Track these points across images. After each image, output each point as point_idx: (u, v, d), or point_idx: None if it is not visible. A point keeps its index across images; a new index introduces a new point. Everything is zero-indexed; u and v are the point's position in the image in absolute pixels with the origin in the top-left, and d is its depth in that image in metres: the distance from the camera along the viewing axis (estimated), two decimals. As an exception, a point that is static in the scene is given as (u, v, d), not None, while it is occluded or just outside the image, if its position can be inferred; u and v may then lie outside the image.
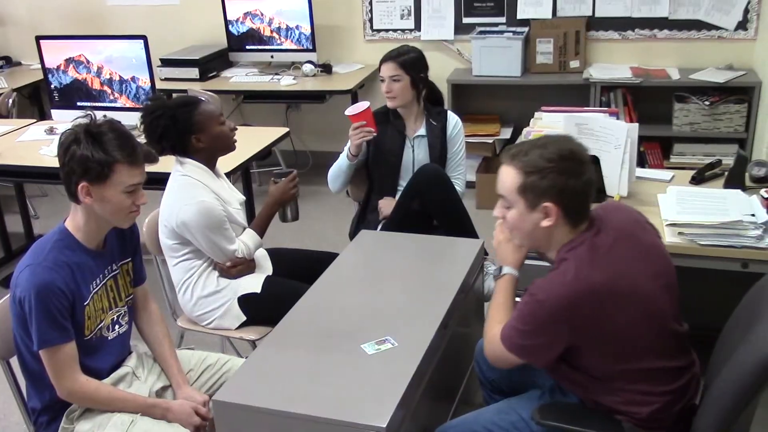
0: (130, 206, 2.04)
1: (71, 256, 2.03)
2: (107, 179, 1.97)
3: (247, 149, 3.41)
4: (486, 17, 5.02)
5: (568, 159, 1.85)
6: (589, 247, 1.84)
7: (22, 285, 1.96)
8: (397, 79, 3.12)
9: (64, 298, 1.97)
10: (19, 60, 5.98)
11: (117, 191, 1.99)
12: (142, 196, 2.07)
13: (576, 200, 1.87)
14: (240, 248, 2.68)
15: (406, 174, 3.23)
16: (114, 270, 2.17)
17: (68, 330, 2.00)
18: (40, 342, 1.96)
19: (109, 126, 2.01)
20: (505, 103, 5.11)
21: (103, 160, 1.95)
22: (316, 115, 5.55)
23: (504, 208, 1.93)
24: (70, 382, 2.02)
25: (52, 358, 1.99)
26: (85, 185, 1.97)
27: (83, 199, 1.99)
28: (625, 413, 1.86)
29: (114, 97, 4.02)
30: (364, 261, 2.65)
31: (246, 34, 5.35)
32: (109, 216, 2.04)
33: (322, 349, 2.06)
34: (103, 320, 2.13)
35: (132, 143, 2.02)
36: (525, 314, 1.84)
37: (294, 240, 3.31)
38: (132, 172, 2.01)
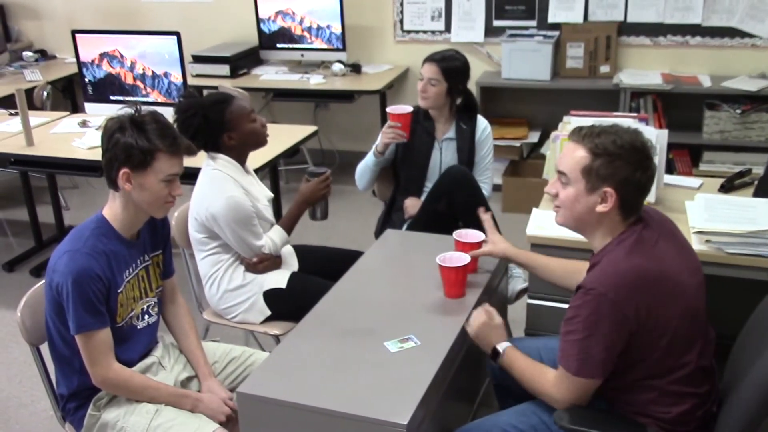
0: (166, 196, 2.09)
1: (108, 244, 2.08)
2: (148, 167, 2.02)
3: (275, 147, 3.44)
4: (516, 20, 5.01)
5: (640, 150, 1.84)
6: (637, 238, 1.84)
7: (61, 270, 2.00)
8: (434, 84, 3.13)
9: (101, 284, 2.02)
10: (54, 53, 6.08)
11: (156, 179, 2.04)
12: (178, 187, 2.11)
13: (635, 193, 1.86)
14: (267, 244, 2.71)
15: (432, 176, 3.24)
16: (146, 261, 2.21)
17: (104, 316, 2.04)
18: (77, 327, 2.00)
19: (152, 116, 2.06)
20: (533, 107, 5.10)
21: (145, 147, 2.01)
22: (345, 114, 5.57)
23: (560, 184, 1.91)
24: (105, 369, 2.05)
25: (87, 344, 2.03)
26: (126, 172, 2.02)
27: (123, 186, 2.04)
28: (652, 415, 1.86)
29: (146, 92, 4.08)
30: (389, 260, 2.66)
31: (277, 32, 5.40)
32: (146, 204, 2.09)
33: (346, 345, 2.08)
34: (133, 309, 2.17)
35: (173, 133, 2.08)
36: (586, 318, 1.78)
37: (320, 238, 3.33)
38: (172, 161, 2.06)
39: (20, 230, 4.85)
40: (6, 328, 2.42)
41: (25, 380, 3.07)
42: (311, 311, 2.24)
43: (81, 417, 2.14)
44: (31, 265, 4.37)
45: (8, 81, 5.34)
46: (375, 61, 5.41)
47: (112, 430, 2.11)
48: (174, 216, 2.80)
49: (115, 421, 2.11)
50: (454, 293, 2.27)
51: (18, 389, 3.21)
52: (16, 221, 5.05)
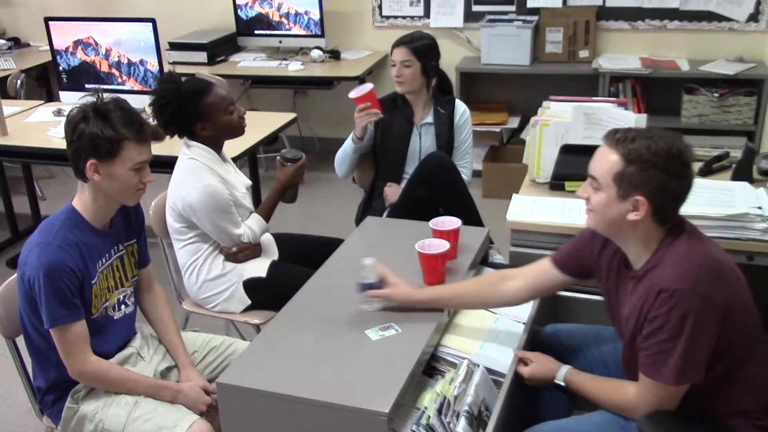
0: (137, 184, 2.05)
1: (79, 235, 2.04)
2: (116, 156, 1.99)
3: (254, 134, 3.41)
4: (496, 5, 5.00)
5: (675, 158, 1.75)
6: (688, 231, 1.82)
7: (32, 264, 1.97)
8: (408, 65, 3.11)
9: (73, 276, 1.99)
10: (27, 41, 5.98)
11: (125, 168, 2.01)
12: (148, 174, 2.08)
13: (670, 202, 1.79)
14: (246, 233, 2.69)
15: (412, 161, 3.23)
16: (120, 250, 2.18)
17: (78, 308, 2.01)
18: (50, 321, 1.98)
19: (116, 104, 2.02)
20: (513, 92, 5.10)
21: (111, 137, 1.97)
22: (324, 101, 5.54)
23: (592, 188, 1.85)
24: (81, 362, 2.03)
25: (62, 337, 2.00)
26: (93, 162, 1.98)
27: (91, 177, 2.00)
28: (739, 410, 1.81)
29: (122, 80, 4.02)
30: (370, 247, 2.65)
31: (255, 18, 5.35)
32: (116, 194, 2.06)
33: (326, 334, 2.06)
34: (108, 299, 2.14)
35: (139, 120, 2.03)
36: (679, 321, 1.70)
37: (300, 225, 3.31)
38: (140, 149, 2.02)
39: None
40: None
41: (1, 373, 3.03)
42: (291, 300, 2.23)
43: (59, 410, 2.12)
44: (7, 256, 4.31)
45: (-19, 70, 5.25)
46: (354, 47, 5.38)
47: (90, 422, 2.09)
48: (151, 205, 2.77)
49: (93, 414, 2.09)
50: (433, 280, 2.26)
51: (-4, 382, 3.18)
52: (-8, 212, 4.99)
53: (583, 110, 2.77)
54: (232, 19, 5.38)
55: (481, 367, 1.98)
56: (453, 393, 1.87)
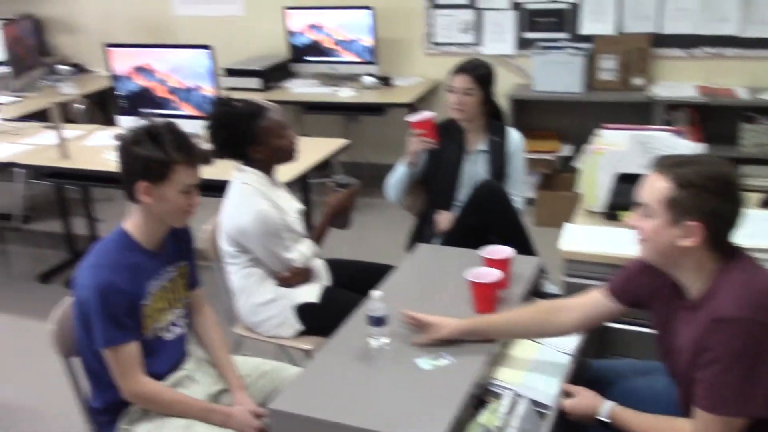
0: (185, 206, 2.09)
1: (130, 257, 2.08)
2: (166, 179, 2.03)
3: (305, 160, 3.43)
4: (548, 32, 4.98)
5: (726, 182, 1.73)
6: (745, 263, 1.78)
7: (84, 285, 2.01)
8: (469, 93, 3.10)
9: (124, 297, 2.02)
10: (88, 67, 6.16)
11: (175, 191, 2.05)
12: (196, 197, 2.12)
13: (723, 226, 1.75)
14: (297, 257, 2.70)
15: (464, 188, 3.22)
16: (171, 271, 2.21)
17: (130, 329, 2.04)
18: (103, 341, 2.01)
19: (168, 127, 2.06)
20: (565, 120, 5.06)
21: (163, 160, 2.01)
22: (375, 127, 5.57)
23: (642, 216, 1.81)
24: (133, 383, 2.06)
25: (115, 358, 2.03)
26: (144, 185, 2.03)
27: (142, 199, 2.04)
28: None
29: (178, 106, 4.11)
30: (421, 275, 2.64)
31: (308, 45, 5.42)
32: (165, 215, 2.09)
33: (378, 361, 2.05)
34: (160, 321, 2.17)
35: (190, 144, 2.08)
36: (742, 351, 1.66)
37: (351, 251, 3.32)
38: (190, 172, 2.07)
39: (55, 242, 4.90)
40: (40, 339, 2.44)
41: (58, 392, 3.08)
42: (343, 326, 2.22)
43: (114, 431, 2.14)
44: (65, 276, 4.41)
45: (44, 95, 5.41)
46: (405, 73, 5.41)
47: (143, 444, 2.11)
48: (204, 229, 2.80)
49: (146, 437, 2.11)
50: (484, 309, 2.24)
51: (51, 401, 3.24)
52: (51, 233, 5.12)
53: (639, 139, 2.74)
54: (286, 46, 5.47)
55: (525, 399, 1.95)
56: (496, 424, 1.84)
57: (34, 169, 4.10)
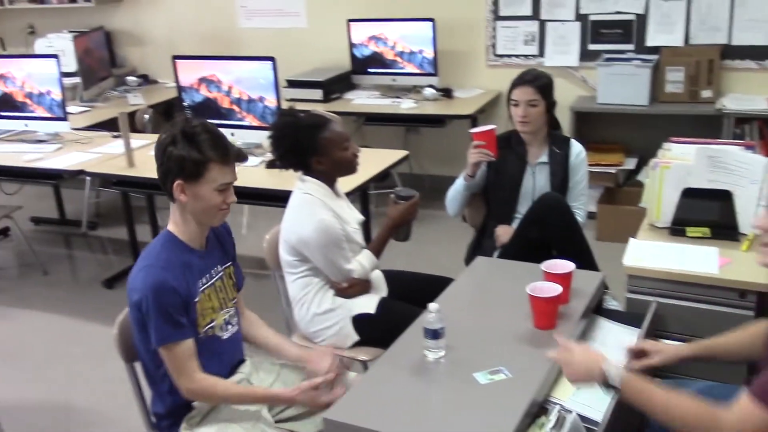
0: (220, 204, 2.12)
1: (180, 256, 2.12)
2: (201, 177, 2.06)
3: (366, 171, 3.44)
4: (613, 44, 4.90)
5: None
6: None
7: (138, 287, 2.04)
8: (534, 104, 3.07)
9: (177, 296, 2.05)
10: (155, 78, 6.32)
11: (210, 189, 2.08)
12: (231, 195, 2.14)
13: None
14: (356, 268, 2.70)
15: (524, 201, 3.18)
16: (219, 271, 2.25)
17: (184, 327, 2.07)
18: (158, 340, 2.04)
19: (203, 127, 2.09)
20: (630, 133, 4.96)
21: (197, 159, 2.04)
22: (435, 139, 5.56)
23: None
24: (190, 380, 2.08)
25: (170, 356, 2.06)
26: (180, 183, 2.06)
27: (178, 197, 2.09)
28: None
29: (242, 116, 4.17)
30: (480, 288, 2.61)
31: (369, 57, 5.45)
32: (201, 213, 2.12)
33: (434, 374, 2.04)
34: (215, 320, 2.19)
35: (224, 143, 2.11)
36: None
37: (409, 263, 3.31)
38: (224, 170, 2.09)
39: (120, 248, 5.03)
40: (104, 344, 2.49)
41: (120, 396, 3.15)
42: (400, 338, 2.21)
43: (172, 436, 2.17)
44: (129, 282, 4.50)
45: (112, 105, 5.58)
46: (466, 85, 5.39)
47: (203, 449, 2.13)
48: (265, 239, 2.83)
49: (206, 441, 2.13)
50: (544, 324, 2.20)
51: (113, 405, 3.31)
52: (117, 240, 5.25)
53: (708, 153, 2.66)
54: (348, 58, 5.51)
55: (573, 414, 1.90)
56: (543, 439, 1.80)
57: (101, 177, 4.21)
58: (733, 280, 2.36)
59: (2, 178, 4.98)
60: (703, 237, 2.63)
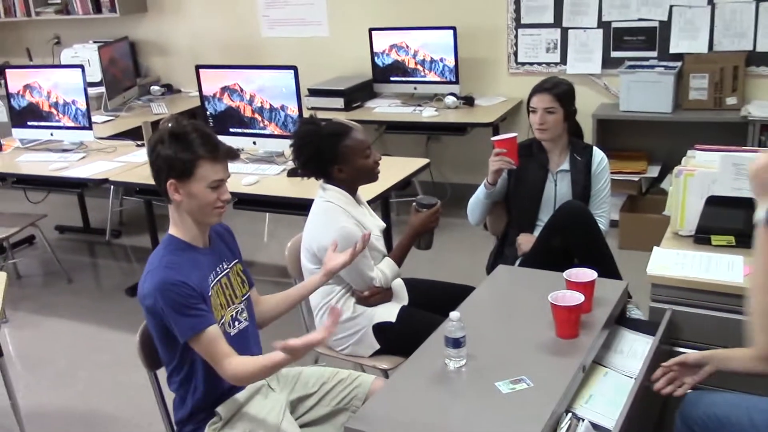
0: (215, 201, 2.13)
1: (183, 256, 2.14)
2: (192, 175, 2.08)
3: (387, 179, 3.45)
4: (636, 51, 4.87)
5: None
6: None
7: (148, 291, 2.05)
8: (551, 112, 3.07)
9: (186, 287, 2.05)
10: (179, 87, 6.38)
11: (202, 186, 2.09)
12: (225, 192, 2.16)
13: None
14: (378, 276, 2.70)
15: (546, 209, 3.16)
16: (225, 268, 2.26)
17: (203, 314, 2.06)
18: (182, 333, 2.04)
19: (193, 127, 2.12)
20: (653, 140, 4.92)
21: (187, 157, 2.07)
22: (457, 147, 5.55)
23: None
24: (223, 366, 2.06)
25: (201, 346, 2.06)
26: (173, 182, 2.09)
27: (173, 196, 2.11)
28: None
29: (264, 125, 4.19)
30: (501, 297, 2.60)
31: (391, 65, 5.46)
32: (197, 212, 2.14)
33: (455, 383, 2.03)
34: (223, 316, 2.20)
35: (213, 141, 2.12)
36: None
37: (430, 271, 3.30)
38: (215, 167, 2.11)
39: (143, 256, 5.05)
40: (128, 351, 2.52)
41: (143, 403, 3.17)
42: (421, 347, 2.21)
43: (196, 441, 2.18)
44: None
45: (136, 114, 5.63)
46: (488, 93, 5.38)
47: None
48: (287, 246, 2.84)
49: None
50: (566, 333, 2.18)
51: (136, 412, 3.33)
52: (140, 248, 5.30)
53: (733, 160, 2.63)
54: (369, 66, 5.52)
55: (585, 422, 1.88)
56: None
57: (125, 185, 4.25)
58: (759, 289, 2.32)
59: (28, 187, 5.04)
60: (728, 245, 2.60)
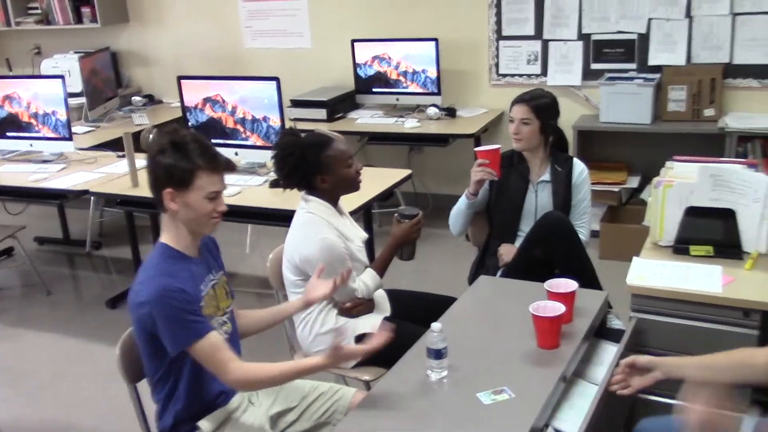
0: (211, 212, 2.13)
1: (176, 264, 2.13)
2: (190, 185, 2.08)
3: (369, 190, 3.45)
4: (616, 63, 4.92)
5: None
6: None
7: (143, 302, 2.03)
8: (527, 123, 3.09)
9: (186, 295, 2.05)
10: (161, 98, 6.35)
11: (199, 197, 2.10)
12: (221, 204, 2.16)
13: None
14: (360, 287, 2.70)
15: (527, 220, 3.18)
16: (213, 279, 2.25)
17: (201, 322, 2.06)
18: (181, 342, 2.03)
19: (192, 137, 2.12)
20: (633, 151, 4.97)
21: (186, 167, 2.07)
22: (439, 158, 5.57)
23: None
24: (227, 371, 2.06)
25: (203, 352, 2.05)
26: (170, 191, 2.08)
27: (168, 205, 2.10)
28: None
29: (246, 136, 4.19)
30: (483, 307, 2.61)
31: (373, 77, 5.48)
32: (192, 222, 2.14)
33: (437, 394, 2.03)
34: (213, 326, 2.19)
35: (212, 152, 2.13)
36: None
37: (412, 282, 3.31)
38: (213, 178, 2.11)
39: (123, 268, 5.03)
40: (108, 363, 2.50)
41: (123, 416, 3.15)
42: (403, 358, 2.21)
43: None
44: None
45: (117, 124, 5.60)
46: (470, 104, 5.41)
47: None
48: (269, 258, 2.83)
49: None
50: (547, 344, 2.20)
51: (118, 424, 3.30)
52: (120, 259, 5.26)
53: (710, 171, 2.66)
54: (352, 77, 5.54)
55: (550, 429, 1.91)
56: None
57: (105, 196, 4.23)
58: (737, 299, 2.35)
59: (7, 198, 5.00)
60: (706, 255, 2.63)
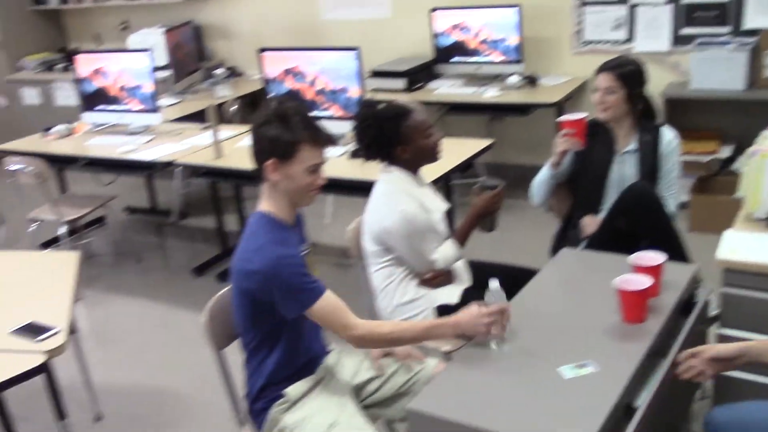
0: (310, 184, 2.15)
1: (281, 231, 2.17)
2: (293, 157, 2.10)
3: (449, 161, 3.42)
4: (707, 27, 4.71)
5: None
6: None
7: (257, 270, 2.07)
8: (611, 92, 2.99)
9: (299, 259, 2.11)
10: (242, 71, 6.45)
11: (301, 169, 2.12)
12: (321, 176, 2.18)
13: None
14: (440, 258, 2.69)
15: (612, 191, 3.10)
16: (305, 249, 2.28)
17: (317, 282, 2.12)
18: (303, 304, 2.08)
19: (296, 109, 2.14)
20: (725, 120, 4.76)
21: (290, 139, 2.09)
22: (519, 127, 5.48)
23: None
24: (347, 328, 2.11)
25: (322, 311, 2.10)
26: (273, 162, 2.10)
27: (270, 175, 2.13)
28: None
29: (325, 107, 4.20)
30: (566, 280, 2.56)
31: (452, 46, 5.41)
32: (292, 193, 2.16)
33: (517, 367, 2.01)
34: None
35: (316, 126, 2.15)
36: None
37: (493, 252, 3.27)
38: (315, 152, 2.13)
39: (208, 237, 5.16)
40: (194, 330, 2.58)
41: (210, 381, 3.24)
42: (483, 330, 2.19)
43: (263, 419, 2.22)
44: (217, 270, 4.62)
45: (201, 97, 5.72)
46: (552, 72, 5.29)
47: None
48: (349, 228, 2.85)
49: (293, 426, 2.17)
50: (633, 318, 2.14)
51: (202, 389, 3.41)
52: (205, 229, 5.39)
53: (810, 140, 2.53)
54: (431, 47, 5.48)
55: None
56: None
57: (190, 167, 4.33)
58: (838, 274, 2.24)
59: (98, 169, 5.18)
60: (804, 229, 2.51)
